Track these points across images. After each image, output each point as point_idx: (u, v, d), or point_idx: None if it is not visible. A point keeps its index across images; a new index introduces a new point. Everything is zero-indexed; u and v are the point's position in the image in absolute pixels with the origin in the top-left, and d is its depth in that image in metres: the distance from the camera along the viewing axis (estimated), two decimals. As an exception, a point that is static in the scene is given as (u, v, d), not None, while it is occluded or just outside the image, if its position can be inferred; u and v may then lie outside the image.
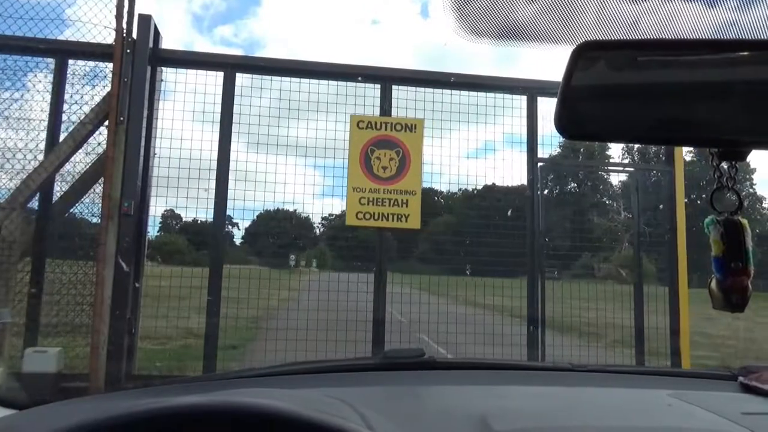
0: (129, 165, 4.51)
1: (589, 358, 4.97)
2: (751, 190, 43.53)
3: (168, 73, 4.93)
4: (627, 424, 1.19)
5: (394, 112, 5.12)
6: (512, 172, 5.29)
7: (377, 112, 5.10)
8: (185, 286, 4.82)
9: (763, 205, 44.24)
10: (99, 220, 4.43)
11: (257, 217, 5.79)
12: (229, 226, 6.52)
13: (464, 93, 5.23)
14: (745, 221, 0.85)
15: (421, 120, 5.12)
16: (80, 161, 4.59)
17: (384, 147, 5.01)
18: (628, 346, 5.16)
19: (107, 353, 4.25)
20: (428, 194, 5.71)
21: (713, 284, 0.86)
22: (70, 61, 4.68)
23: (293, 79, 5.04)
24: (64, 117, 4.61)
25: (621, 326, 5.25)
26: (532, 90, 5.25)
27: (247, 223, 6.12)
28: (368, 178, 4.96)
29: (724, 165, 0.85)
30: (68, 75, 4.69)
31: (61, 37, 4.60)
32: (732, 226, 0.85)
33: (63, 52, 4.66)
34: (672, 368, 4.32)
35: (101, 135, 4.56)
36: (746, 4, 0.85)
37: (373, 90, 5.10)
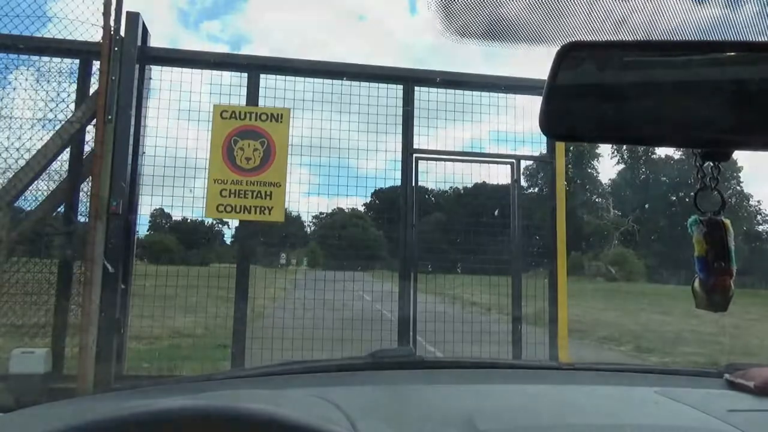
0: (117, 164, 4.47)
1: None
2: (738, 188, 43.89)
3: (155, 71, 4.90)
4: (614, 421, 1.20)
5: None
6: (386, 164, 5.20)
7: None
8: (174, 285, 4.79)
9: (750, 203, 44.65)
10: (87, 220, 4.39)
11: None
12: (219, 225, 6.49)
13: (339, 83, 5.07)
14: (727, 221, 0.86)
15: (288, 109, 4.92)
16: (68, 160, 4.55)
17: (248, 137, 4.82)
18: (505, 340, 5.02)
19: (96, 354, 4.21)
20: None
21: (696, 284, 0.86)
22: (57, 59, 4.63)
23: (278, 77, 4.98)
24: (51, 115, 4.56)
25: (499, 317, 5.23)
26: (408, 79, 5.15)
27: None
28: (230, 169, 4.77)
29: (708, 165, 0.86)
30: (55, 73, 4.64)
31: (47, 35, 4.54)
32: (715, 226, 0.85)
33: (50, 50, 4.61)
34: (659, 366, 4.35)
35: (89, 133, 4.53)
36: (734, 3, 0.86)
37: (239, 79, 4.96)
